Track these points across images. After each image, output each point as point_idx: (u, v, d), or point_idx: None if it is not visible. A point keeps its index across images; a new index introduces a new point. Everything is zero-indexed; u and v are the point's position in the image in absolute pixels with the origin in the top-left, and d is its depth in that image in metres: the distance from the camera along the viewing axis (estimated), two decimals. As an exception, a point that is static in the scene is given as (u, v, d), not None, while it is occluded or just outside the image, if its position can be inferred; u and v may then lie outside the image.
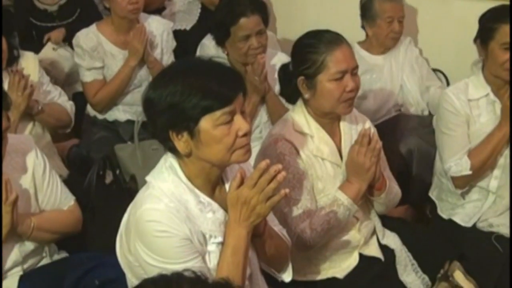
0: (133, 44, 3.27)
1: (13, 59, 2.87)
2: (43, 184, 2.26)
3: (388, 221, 2.46)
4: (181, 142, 1.72)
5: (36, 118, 2.93)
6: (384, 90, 3.47)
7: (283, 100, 2.80)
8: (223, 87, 1.70)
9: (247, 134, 1.74)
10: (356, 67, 2.24)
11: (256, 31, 2.93)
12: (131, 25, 3.31)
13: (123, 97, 3.40)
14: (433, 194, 2.88)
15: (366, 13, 3.41)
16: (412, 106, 3.48)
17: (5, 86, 2.73)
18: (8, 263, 2.17)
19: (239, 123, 1.72)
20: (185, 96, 1.68)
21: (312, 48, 2.21)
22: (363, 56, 3.43)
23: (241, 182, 1.75)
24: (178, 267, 1.66)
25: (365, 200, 2.34)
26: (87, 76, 3.35)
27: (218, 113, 1.70)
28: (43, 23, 3.84)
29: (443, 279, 2.36)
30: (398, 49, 3.51)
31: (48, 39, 3.75)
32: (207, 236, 1.78)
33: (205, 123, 1.70)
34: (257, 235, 1.84)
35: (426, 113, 3.48)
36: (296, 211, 2.17)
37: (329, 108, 2.23)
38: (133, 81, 3.37)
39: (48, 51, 3.69)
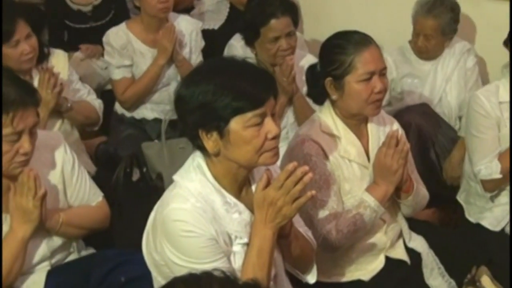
0: (162, 43, 3.28)
1: (43, 57, 2.90)
2: (71, 179, 2.27)
3: (415, 224, 2.45)
4: (210, 141, 1.73)
5: (65, 115, 2.95)
6: (422, 98, 3.35)
7: (310, 101, 2.80)
8: (255, 89, 1.70)
9: (276, 137, 1.74)
10: (384, 68, 2.22)
11: (286, 32, 2.95)
12: (161, 24, 3.32)
13: (151, 96, 3.42)
14: (460, 197, 2.86)
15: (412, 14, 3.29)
16: (445, 117, 3.35)
17: (35, 83, 2.75)
18: (36, 257, 2.18)
19: (269, 125, 1.72)
20: (217, 96, 1.68)
21: (340, 49, 2.20)
22: (409, 58, 3.36)
23: (268, 183, 1.75)
24: (203, 267, 1.66)
25: (392, 202, 2.32)
26: (116, 74, 3.37)
27: (249, 114, 1.70)
28: (77, 24, 3.85)
29: (470, 284, 2.35)
30: (451, 56, 3.34)
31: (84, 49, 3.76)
32: (233, 236, 1.78)
33: (235, 124, 1.70)
34: (283, 236, 1.83)
35: (457, 128, 3.32)
36: (322, 212, 2.16)
37: (357, 109, 2.22)
38: (161, 80, 3.38)
39: (75, 61, 3.68)
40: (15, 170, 2.05)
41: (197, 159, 1.81)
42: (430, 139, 3.20)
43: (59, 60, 2.98)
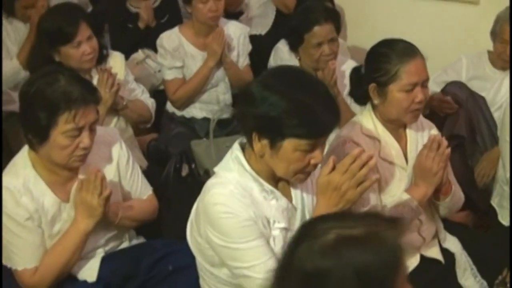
0: (212, 46, 3.34)
1: (102, 58, 2.99)
2: (126, 174, 2.35)
3: (449, 226, 2.47)
4: (260, 144, 1.78)
5: (120, 113, 3.03)
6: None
7: (350, 104, 2.88)
8: (321, 121, 1.73)
9: (318, 164, 1.79)
10: (427, 79, 2.24)
11: (328, 38, 3.02)
12: (211, 29, 3.38)
13: (200, 96, 3.49)
14: (494, 201, 2.86)
15: (493, 26, 3.23)
16: (497, 120, 3.22)
17: (94, 82, 2.80)
18: (93, 245, 2.28)
19: (317, 154, 1.77)
20: (286, 115, 1.70)
21: (386, 57, 2.22)
22: (484, 63, 3.31)
23: (333, 168, 1.77)
24: (242, 246, 1.75)
25: (429, 203, 2.34)
26: (168, 75, 3.46)
27: (303, 141, 1.73)
28: (134, 25, 3.89)
29: (501, 285, 2.32)
30: None
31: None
32: (271, 220, 1.84)
33: (288, 143, 1.74)
34: None
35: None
36: (362, 209, 2.15)
37: (396, 116, 2.26)
38: (210, 81, 3.45)
39: (132, 62, 3.74)
40: (74, 163, 2.16)
41: (235, 152, 1.88)
42: (473, 116, 3.19)
43: (116, 61, 3.06)
